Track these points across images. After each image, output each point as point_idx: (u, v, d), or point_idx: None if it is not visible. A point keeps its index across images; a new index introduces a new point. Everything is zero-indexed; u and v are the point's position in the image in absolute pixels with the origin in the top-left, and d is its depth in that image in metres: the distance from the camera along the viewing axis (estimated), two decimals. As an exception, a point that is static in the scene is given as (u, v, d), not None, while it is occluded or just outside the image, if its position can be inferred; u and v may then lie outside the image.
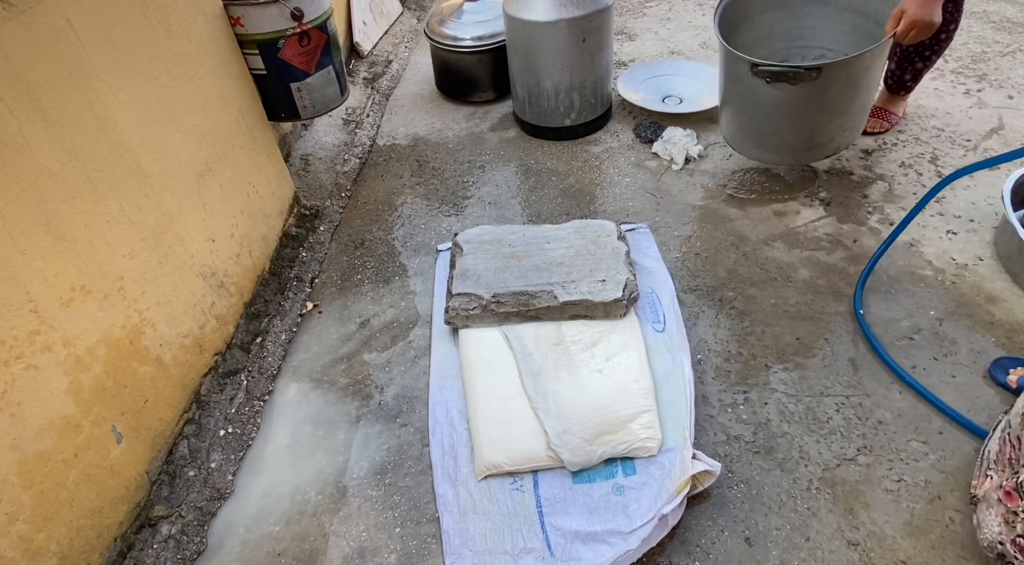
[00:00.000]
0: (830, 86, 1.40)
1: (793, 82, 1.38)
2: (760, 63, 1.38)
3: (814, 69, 1.36)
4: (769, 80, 1.40)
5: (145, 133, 1.24)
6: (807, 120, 1.49)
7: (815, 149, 1.58)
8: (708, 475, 1.19)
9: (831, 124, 1.51)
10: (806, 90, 1.41)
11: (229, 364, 1.49)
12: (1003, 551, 1.01)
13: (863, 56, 1.36)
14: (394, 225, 1.94)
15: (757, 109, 1.53)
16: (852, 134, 1.59)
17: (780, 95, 1.45)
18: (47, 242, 1.02)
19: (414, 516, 1.24)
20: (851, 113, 1.51)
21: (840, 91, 1.43)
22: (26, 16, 0.98)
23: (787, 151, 1.59)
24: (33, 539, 0.98)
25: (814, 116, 1.48)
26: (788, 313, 1.54)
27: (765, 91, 1.46)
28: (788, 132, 1.54)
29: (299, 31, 1.57)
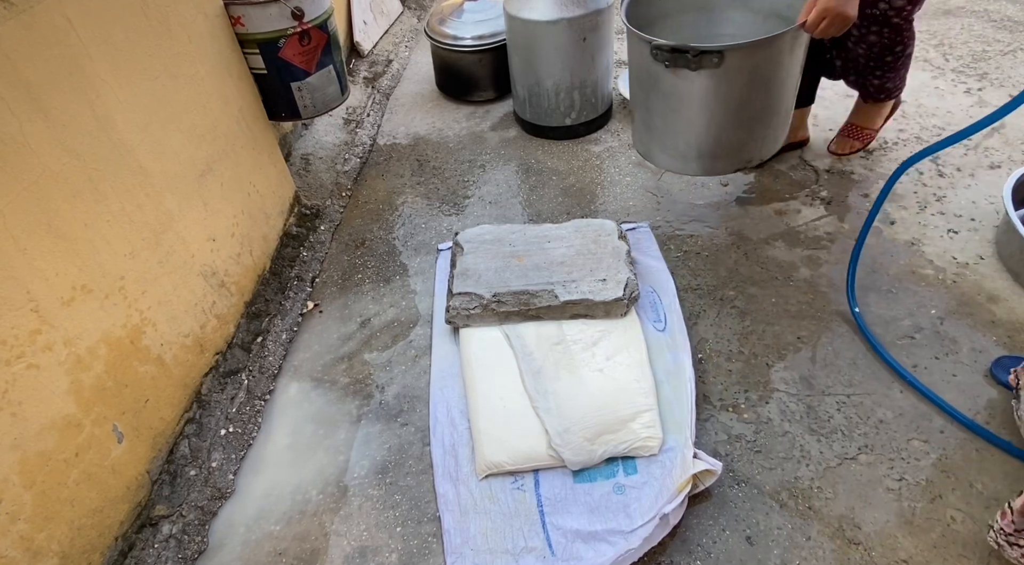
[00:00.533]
0: (735, 77, 1.26)
1: (694, 67, 1.24)
2: (657, 42, 1.24)
3: (715, 52, 1.21)
4: (668, 64, 1.25)
5: (146, 132, 1.24)
6: (712, 117, 1.34)
7: (723, 157, 1.42)
8: (709, 474, 1.19)
9: (739, 128, 1.36)
10: (709, 80, 1.27)
11: (230, 363, 1.49)
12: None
13: (769, 44, 1.22)
14: (395, 224, 1.94)
15: (661, 103, 1.38)
16: (765, 145, 1.43)
17: (682, 85, 1.30)
18: (48, 241, 1.02)
19: (415, 515, 1.24)
20: (762, 116, 1.36)
21: (747, 85, 1.29)
22: (27, 15, 0.98)
23: (692, 156, 1.43)
24: (34, 539, 0.98)
25: (719, 113, 1.33)
26: (789, 312, 1.54)
27: (667, 80, 1.31)
28: (691, 132, 1.38)
29: (299, 30, 1.57)
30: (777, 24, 1.49)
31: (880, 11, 1.40)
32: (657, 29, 1.52)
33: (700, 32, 1.57)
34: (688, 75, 1.25)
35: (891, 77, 1.66)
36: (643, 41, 1.26)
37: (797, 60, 1.34)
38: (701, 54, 1.20)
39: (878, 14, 1.40)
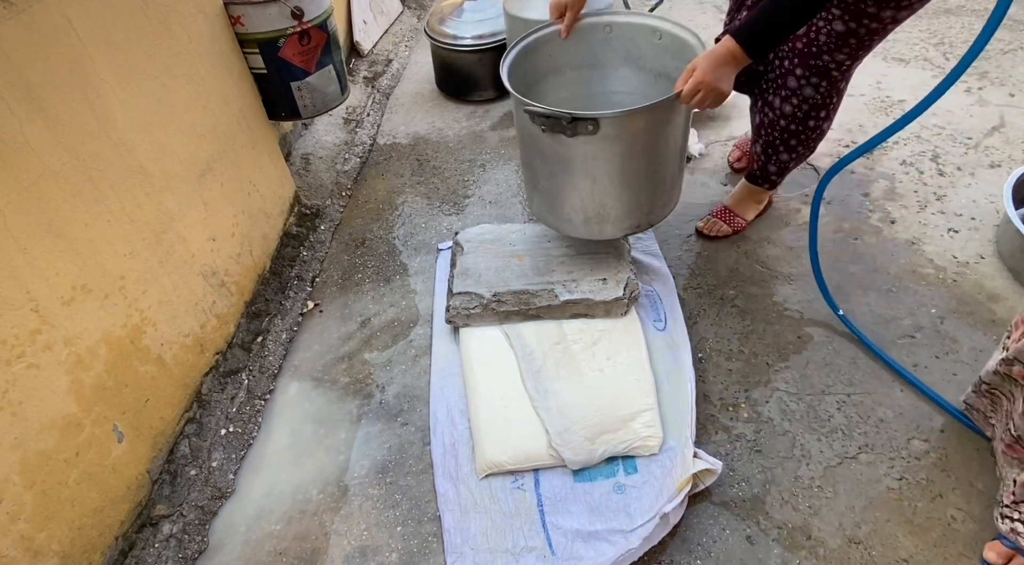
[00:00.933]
0: (614, 144, 1.19)
1: (570, 134, 1.16)
2: (530, 106, 1.15)
3: (591, 120, 1.13)
4: (544, 129, 1.17)
5: (146, 132, 1.24)
6: (595, 183, 1.27)
7: (610, 222, 1.34)
8: (709, 473, 1.19)
9: (624, 194, 1.29)
10: (588, 146, 1.20)
11: (230, 363, 1.49)
12: None
13: (647, 112, 1.15)
14: (395, 224, 1.94)
15: (543, 166, 1.30)
16: (653, 211, 1.36)
17: (562, 151, 1.23)
18: (48, 241, 1.02)
19: (415, 515, 1.24)
20: (647, 182, 1.29)
21: (627, 154, 1.21)
22: (26, 15, 0.98)
23: (579, 221, 1.35)
24: (34, 538, 0.98)
25: (602, 179, 1.26)
26: (790, 311, 1.54)
27: (548, 144, 1.24)
28: (576, 196, 1.30)
29: (299, 30, 1.57)
30: (667, 85, 1.42)
31: (823, 63, 1.33)
32: (549, 85, 1.46)
33: (592, 89, 1.50)
34: (566, 141, 1.18)
35: (794, 157, 1.55)
36: (520, 103, 1.18)
37: (679, 126, 1.27)
38: (576, 121, 1.13)
39: (820, 66, 1.34)
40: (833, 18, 1.27)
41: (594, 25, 1.41)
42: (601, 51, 1.45)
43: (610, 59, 1.46)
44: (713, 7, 2.94)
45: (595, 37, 1.42)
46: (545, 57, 1.41)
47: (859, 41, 1.29)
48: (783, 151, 1.54)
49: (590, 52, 1.45)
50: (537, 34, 1.37)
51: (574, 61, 1.45)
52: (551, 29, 1.39)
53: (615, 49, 1.44)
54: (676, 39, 1.34)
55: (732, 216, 1.74)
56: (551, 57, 1.42)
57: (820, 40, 1.31)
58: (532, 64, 1.39)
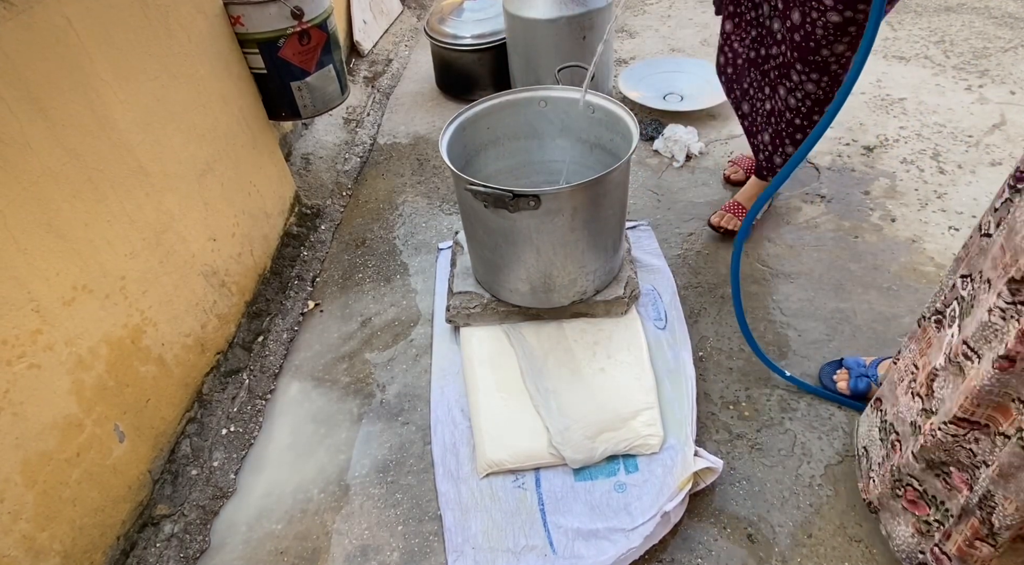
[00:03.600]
0: (556, 218, 1.22)
1: (512, 210, 1.17)
2: (471, 183, 1.16)
3: (532, 196, 1.15)
4: (487, 205, 1.19)
5: (146, 132, 1.25)
6: (539, 254, 1.28)
7: (556, 291, 1.36)
8: (710, 472, 1.19)
9: (568, 264, 1.31)
10: (531, 221, 1.22)
11: (231, 363, 1.49)
12: (924, 560, 0.98)
13: (586, 187, 1.19)
14: (395, 224, 1.94)
15: (488, 239, 1.32)
16: (598, 277, 1.39)
17: (505, 225, 1.24)
18: (48, 241, 1.02)
19: (416, 514, 1.24)
20: (590, 252, 1.32)
21: (569, 226, 1.24)
22: (26, 16, 0.98)
23: (527, 291, 1.37)
24: (36, 538, 0.99)
25: (545, 250, 1.28)
26: (790, 310, 1.54)
27: (491, 219, 1.26)
28: (521, 267, 1.32)
29: (299, 30, 1.57)
30: (602, 155, 1.46)
31: (822, 58, 1.33)
32: (489, 156, 1.49)
33: (531, 157, 1.54)
34: (509, 215, 1.20)
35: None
36: (461, 180, 1.20)
37: (617, 197, 1.31)
38: (518, 197, 1.15)
39: (820, 61, 1.33)
40: (826, 8, 1.26)
41: (530, 99, 1.45)
42: (538, 123, 1.49)
43: (547, 130, 1.50)
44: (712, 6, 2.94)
45: (531, 109, 1.47)
46: (484, 129, 1.45)
47: (859, 28, 1.27)
48: (789, 144, 1.53)
49: (527, 124, 1.49)
50: (475, 108, 1.40)
51: (512, 132, 1.50)
52: (488, 103, 1.42)
53: (551, 121, 1.48)
54: (609, 113, 1.38)
55: (743, 210, 1.73)
56: (489, 129, 1.46)
57: (817, 34, 1.30)
58: (471, 137, 1.43)
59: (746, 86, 1.60)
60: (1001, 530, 0.83)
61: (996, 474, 0.80)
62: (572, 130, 1.47)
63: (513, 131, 1.50)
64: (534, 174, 1.58)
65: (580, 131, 1.47)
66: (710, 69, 2.34)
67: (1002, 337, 0.75)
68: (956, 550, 0.91)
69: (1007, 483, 0.79)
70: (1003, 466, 0.79)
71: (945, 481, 0.91)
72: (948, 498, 0.91)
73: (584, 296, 1.42)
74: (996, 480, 0.80)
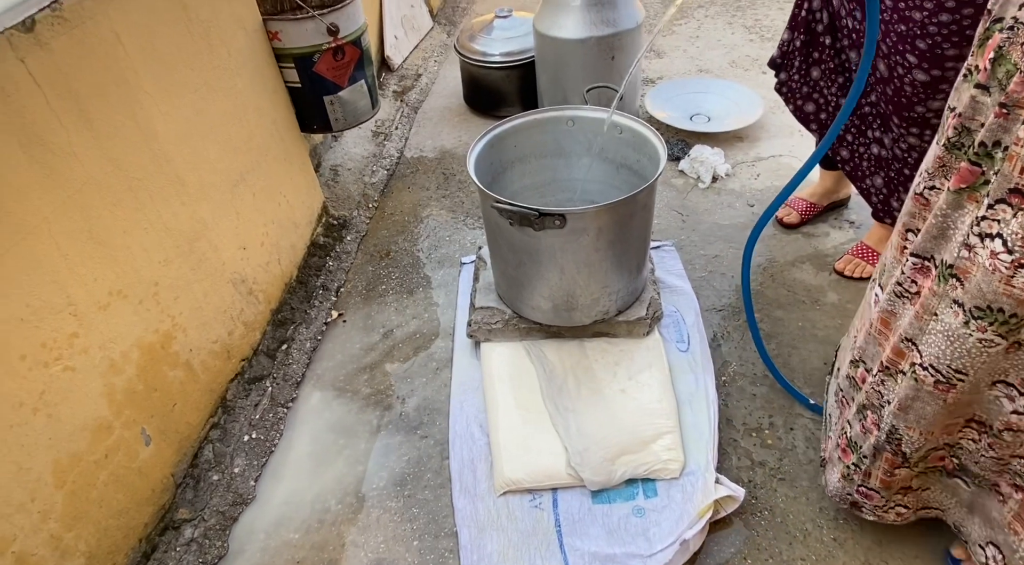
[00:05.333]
0: (581, 238, 1.22)
1: (538, 228, 1.18)
2: (497, 200, 1.18)
3: (558, 216, 1.16)
4: (512, 222, 1.20)
5: (184, 143, 1.28)
6: (563, 273, 1.29)
7: (579, 310, 1.37)
8: (731, 500, 1.17)
9: (592, 283, 1.32)
10: (556, 240, 1.23)
11: (255, 370, 1.52)
12: (854, 499, 1.10)
13: (612, 208, 1.19)
14: (419, 237, 1.96)
15: (512, 256, 1.33)
16: (621, 297, 1.39)
17: (530, 243, 1.25)
18: (88, 248, 1.05)
19: (432, 529, 1.24)
20: (613, 273, 1.32)
21: (594, 246, 1.24)
22: (79, 30, 1.02)
23: (549, 309, 1.37)
24: (63, 538, 1.01)
25: (569, 269, 1.28)
26: (816, 337, 1.52)
27: (516, 237, 1.26)
28: (544, 285, 1.32)
29: (334, 46, 1.61)
30: (628, 176, 1.46)
31: (918, 114, 1.26)
32: (515, 173, 1.50)
33: (557, 175, 1.55)
34: (534, 233, 1.21)
35: None
36: (488, 197, 1.22)
37: (643, 218, 1.32)
38: (544, 216, 1.16)
39: (916, 117, 1.26)
40: (910, 66, 1.18)
41: (558, 118, 1.46)
42: (565, 142, 1.50)
43: (573, 149, 1.51)
44: (742, 27, 2.94)
45: (559, 129, 1.48)
46: (511, 147, 1.46)
47: (952, 85, 1.23)
48: (903, 192, 1.46)
49: (554, 142, 1.50)
50: (503, 126, 1.42)
51: (539, 150, 1.51)
52: (516, 122, 1.43)
53: (578, 140, 1.49)
54: (637, 134, 1.38)
55: (875, 256, 1.63)
56: (516, 147, 1.47)
57: (906, 90, 1.24)
58: (498, 154, 1.44)
59: (842, 132, 1.56)
60: (912, 454, 0.97)
61: (896, 408, 0.93)
62: (599, 150, 1.48)
63: (540, 149, 1.51)
64: (559, 192, 1.59)
65: (607, 151, 1.47)
66: (739, 91, 2.35)
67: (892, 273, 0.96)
68: (879, 483, 1.03)
69: (905, 415, 0.93)
70: (901, 400, 0.92)
71: (862, 424, 1.03)
72: (863, 440, 1.03)
73: (606, 316, 1.42)
74: (897, 414, 0.94)
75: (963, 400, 0.87)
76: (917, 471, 1.00)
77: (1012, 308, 0.74)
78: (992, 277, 0.74)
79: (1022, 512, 0.92)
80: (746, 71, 2.60)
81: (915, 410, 0.91)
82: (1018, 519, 0.93)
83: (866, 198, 1.58)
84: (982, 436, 0.91)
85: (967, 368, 0.82)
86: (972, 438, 0.93)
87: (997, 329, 0.77)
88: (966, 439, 0.94)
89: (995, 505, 0.97)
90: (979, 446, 0.93)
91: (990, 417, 0.88)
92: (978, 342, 0.79)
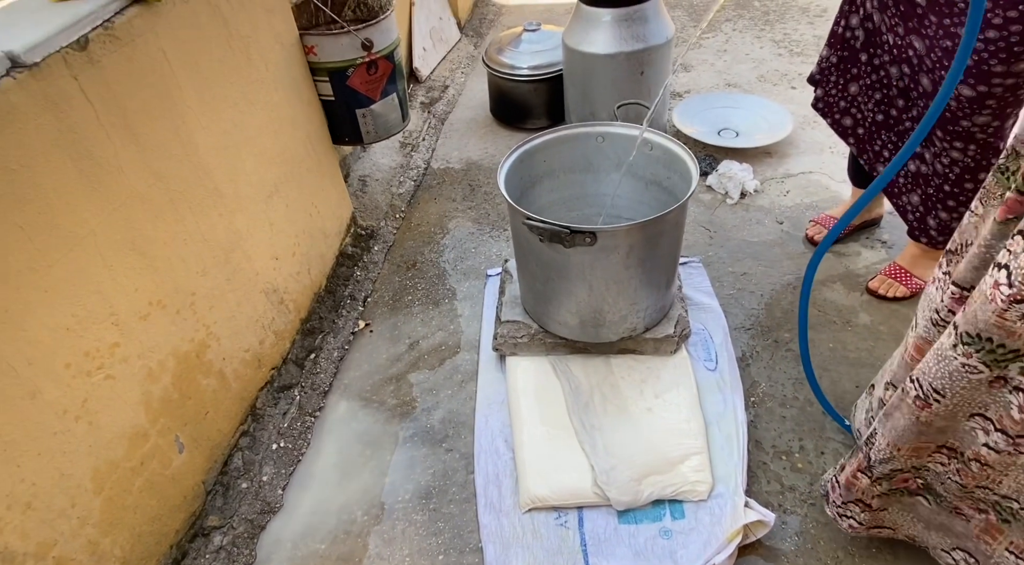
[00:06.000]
0: (610, 255, 1.22)
1: (568, 245, 1.18)
2: (528, 217, 1.18)
3: (588, 233, 1.16)
4: (542, 239, 1.20)
5: (223, 156, 1.31)
6: (592, 290, 1.29)
7: (606, 326, 1.36)
8: (761, 525, 1.15)
9: (620, 300, 1.31)
10: (585, 256, 1.23)
11: (284, 379, 1.54)
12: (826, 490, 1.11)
13: (644, 226, 1.19)
14: (445, 248, 1.97)
15: (540, 271, 1.33)
16: (649, 314, 1.39)
17: (559, 258, 1.26)
18: (131, 259, 1.07)
19: (457, 544, 1.24)
20: (642, 290, 1.32)
21: (623, 263, 1.24)
22: (129, 48, 1.05)
23: (576, 324, 1.37)
24: (100, 543, 1.03)
25: (598, 286, 1.29)
26: (847, 359, 1.49)
27: (545, 252, 1.26)
28: (572, 301, 1.33)
29: (368, 60, 1.64)
30: (658, 193, 1.46)
31: (963, 128, 1.24)
32: (544, 187, 1.51)
33: (586, 190, 1.55)
34: (563, 250, 1.20)
35: (957, 218, 1.40)
36: (518, 213, 1.22)
37: (673, 236, 1.32)
38: (574, 233, 1.17)
39: (960, 131, 1.24)
40: None
41: (588, 134, 1.47)
42: (594, 157, 1.50)
43: (603, 164, 1.51)
44: (771, 41, 2.92)
45: (589, 144, 1.48)
46: (540, 162, 1.47)
47: (999, 101, 1.17)
48: (942, 210, 1.42)
49: (583, 158, 1.51)
50: (533, 141, 1.43)
51: (568, 166, 1.51)
52: (546, 137, 1.44)
53: (608, 156, 1.49)
54: (667, 151, 1.38)
55: (909, 276, 1.60)
56: (546, 162, 1.48)
57: (951, 105, 1.22)
58: (527, 169, 1.45)
59: (878, 148, 1.54)
60: (875, 464, 0.97)
61: (883, 412, 0.94)
62: (629, 167, 1.48)
63: (569, 165, 1.52)
64: (586, 207, 1.60)
65: (636, 167, 1.47)
66: (768, 106, 2.33)
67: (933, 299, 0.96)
68: (844, 479, 1.05)
69: (887, 420, 0.93)
70: (888, 405, 0.92)
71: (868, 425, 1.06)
72: (859, 438, 1.06)
73: (634, 333, 1.42)
74: (882, 418, 0.94)
75: (936, 423, 0.87)
76: (878, 490, 1.01)
77: (1000, 339, 0.74)
78: (988, 306, 0.73)
79: (989, 528, 0.92)
80: (775, 86, 2.59)
81: (893, 419, 0.92)
82: (986, 533, 0.93)
83: (902, 215, 1.56)
84: (951, 461, 0.91)
85: (945, 389, 0.82)
86: (941, 462, 0.93)
87: (982, 357, 0.77)
88: (935, 462, 0.94)
89: (958, 522, 0.97)
90: (947, 470, 0.93)
91: (963, 445, 0.88)
92: (961, 367, 0.79)
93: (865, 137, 1.57)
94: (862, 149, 1.59)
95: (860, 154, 1.60)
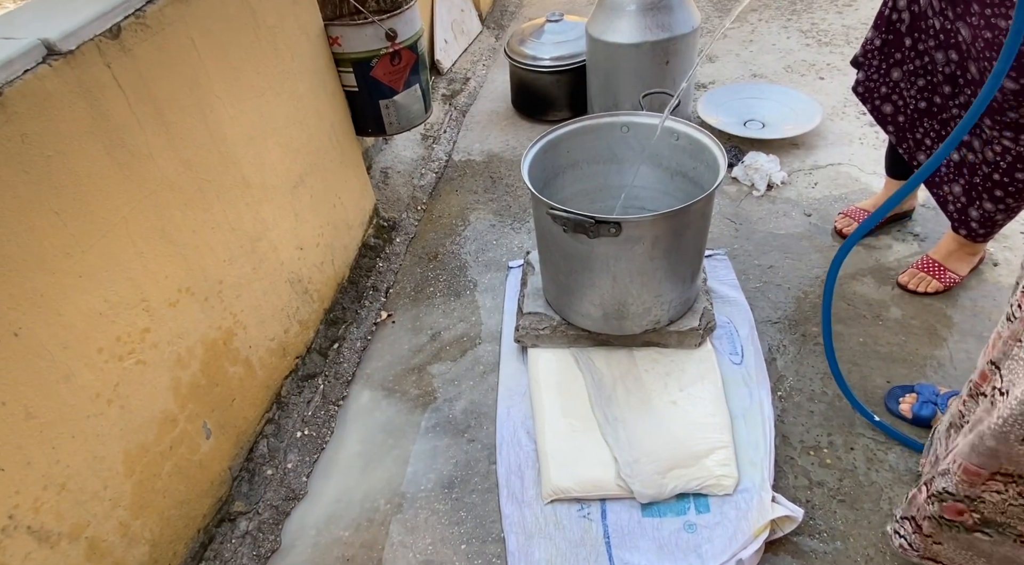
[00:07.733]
0: (635, 246, 1.20)
1: (592, 235, 1.17)
2: (552, 207, 1.17)
3: (613, 223, 1.15)
4: (566, 229, 1.19)
5: (250, 146, 1.32)
6: (616, 281, 1.27)
7: (630, 318, 1.34)
8: (789, 521, 1.13)
9: (644, 292, 1.30)
10: (609, 247, 1.21)
11: (308, 368, 1.55)
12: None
13: (669, 217, 1.17)
14: (466, 239, 1.97)
15: (564, 263, 1.32)
16: (673, 307, 1.37)
17: (583, 249, 1.24)
18: (161, 246, 1.09)
19: (480, 534, 1.24)
20: (666, 282, 1.30)
21: (648, 254, 1.22)
22: (159, 36, 1.06)
23: (599, 316, 1.36)
24: (130, 525, 1.05)
25: (622, 277, 1.27)
26: (878, 353, 1.46)
27: (568, 243, 1.25)
28: (595, 292, 1.31)
29: (391, 51, 1.63)
30: (683, 183, 1.42)
31: (1011, 119, 1.21)
32: (567, 178, 1.48)
33: (610, 181, 1.52)
34: (587, 240, 1.19)
35: (1001, 209, 1.37)
36: (541, 204, 1.21)
37: (699, 227, 1.29)
38: (599, 223, 1.15)
39: (1009, 122, 1.21)
40: None
41: (612, 124, 1.44)
42: (618, 148, 1.48)
43: (627, 155, 1.49)
44: (798, 31, 2.86)
45: (613, 135, 1.46)
46: (564, 153, 1.45)
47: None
48: (987, 200, 1.38)
49: (607, 148, 1.48)
50: (557, 132, 1.41)
51: (592, 156, 1.49)
52: (570, 127, 1.42)
53: (632, 146, 1.46)
54: (693, 141, 1.36)
55: (942, 270, 1.55)
56: (569, 153, 1.46)
57: (997, 97, 1.20)
58: (551, 159, 1.43)
59: (919, 136, 1.51)
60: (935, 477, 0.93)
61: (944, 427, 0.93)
62: (653, 156, 1.46)
63: (593, 155, 1.50)
64: (610, 198, 1.58)
65: (662, 158, 1.45)
66: (794, 96, 2.28)
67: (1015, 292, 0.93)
68: (912, 492, 1.01)
69: (947, 438, 0.92)
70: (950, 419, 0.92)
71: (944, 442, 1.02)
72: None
73: (657, 325, 1.40)
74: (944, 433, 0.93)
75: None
76: (929, 510, 0.95)
77: None
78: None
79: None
80: (802, 77, 2.53)
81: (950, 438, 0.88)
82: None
83: (942, 206, 1.51)
84: (1008, 487, 0.86)
85: None
86: (997, 490, 0.87)
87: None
88: (989, 491, 0.88)
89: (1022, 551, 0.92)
90: (1005, 496, 0.87)
91: (1019, 468, 0.83)
92: None
93: (906, 125, 1.53)
94: (902, 138, 1.55)
95: (899, 143, 1.56)
